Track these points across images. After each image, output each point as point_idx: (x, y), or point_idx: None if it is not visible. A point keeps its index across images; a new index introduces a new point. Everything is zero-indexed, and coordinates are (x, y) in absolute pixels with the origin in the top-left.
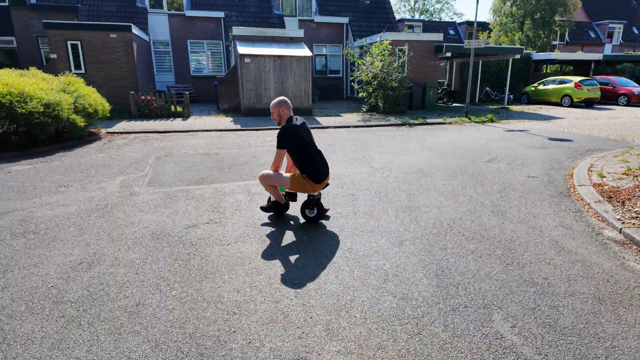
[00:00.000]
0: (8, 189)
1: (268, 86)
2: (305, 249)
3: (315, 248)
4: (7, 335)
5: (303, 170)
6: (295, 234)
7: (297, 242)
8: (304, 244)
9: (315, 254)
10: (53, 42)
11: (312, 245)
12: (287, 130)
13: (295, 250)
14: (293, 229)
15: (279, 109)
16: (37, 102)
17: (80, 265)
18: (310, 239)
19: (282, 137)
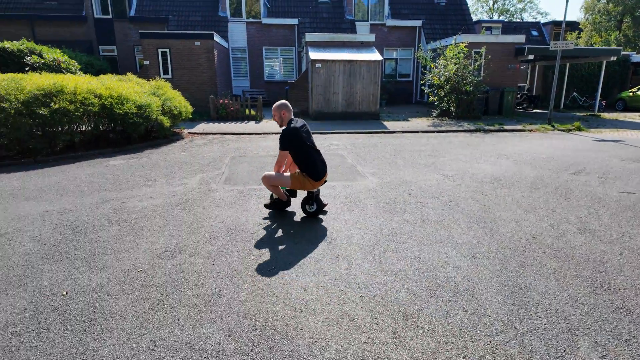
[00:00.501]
0: (106, 181)
1: (337, 90)
2: (371, 255)
3: (381, 255)
4: (104, 311)
5: (303, 169)
6: (361, 239)
7: (363, 247)
8: (369, 249)
9: (381, 260)
10: (146, 50)
11: (378, 251)
12: (288, 132)
13: (360, 255)
14: (360, 233)
15: (280, 112)
16: (132, 104)
17: (165, 253)
18: (376, 245)
19: (285, 139)
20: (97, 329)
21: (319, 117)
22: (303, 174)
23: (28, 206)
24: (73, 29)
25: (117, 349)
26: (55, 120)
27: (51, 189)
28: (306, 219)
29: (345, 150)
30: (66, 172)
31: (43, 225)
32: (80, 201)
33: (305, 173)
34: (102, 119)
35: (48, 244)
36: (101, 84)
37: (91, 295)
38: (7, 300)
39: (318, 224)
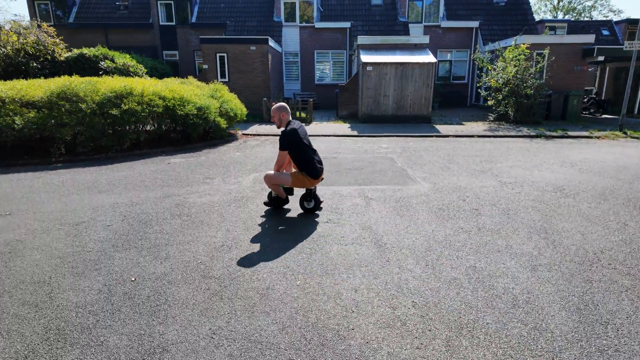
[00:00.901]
0: (168, 177)
1: (387, 93)
2: (423, 261)
3: (434, 261)
4: (168, 298)
5: (302, 168)
6: (412, 244)
7: (414, 253)
8: (421, 255)
9: (434, 267)
10: (206, 55)
11: (431, 258)
12: (288, 134)
13: (412, 261)
14: (412, 238)
15: (280, 114)
16: (193, 106)
17: (222, 247)
18: (429, 252)
19: (284, 140)
20: (162, 314)
21: (368, 120)
22: (302, 173)
23: (101, 198)
24: (141, 35)
25: (179, 334)
26: (124, 120)
27: (120, 183)
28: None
29: (395, 153)
30: (133, 168)
31: (114, 216)
32: (145, 195)
33: (304, 172)
34: (165, 119)
35: (118, 233)
36: (165, 86)
37: (156, 282)
38: (85, 282)
39: (367, 226)
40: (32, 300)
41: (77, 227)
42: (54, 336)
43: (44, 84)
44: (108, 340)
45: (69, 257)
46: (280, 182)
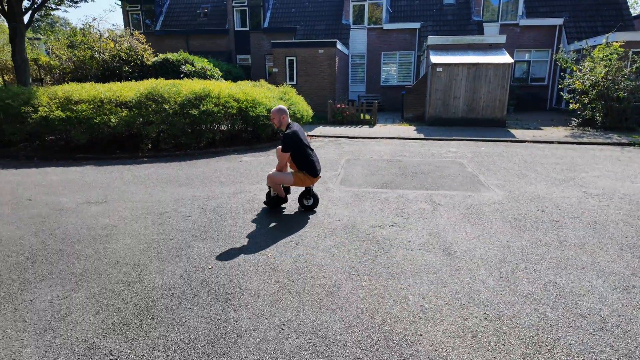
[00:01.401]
0: (240, 174)
1: (457, 95)
2: (496, 272)
3: (509, 274)
4: (241, 287)
5: (302, 167)
6: (485, 254)
7: (487, 263)
8: (495, 266)
9: (509, 279)
10: (276, 58)
11: (505, 270)
12: (290, 136)
13: (484, 271)
14: (484, 248)
15: (280, 116)
16: (263, 107)
17: (290, 243)
18: (503, 263)
19: (287, 142)
20: (236, 302)
21: (436, 123)
22: (303, 172)
23: (181, 191)
24: (217, 40)
25: (252, 322)
26: (202, 120)
27: (197, 177)
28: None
29: (465, 158)
30: (209, 165)
31: (192, 208)
32: (220, 190)
33: (304, 171)
34: (237, 120)
35: (197, 224)
36: (239, 89)
37: (231, 272)
38: (168, 267)
39: (435, 232)
40: (125, 279)
41: (161, 217)
42: (143, 313)
43: (135, 86)
44: (189, 322)
45: (155, 243)
46: (283, 181)
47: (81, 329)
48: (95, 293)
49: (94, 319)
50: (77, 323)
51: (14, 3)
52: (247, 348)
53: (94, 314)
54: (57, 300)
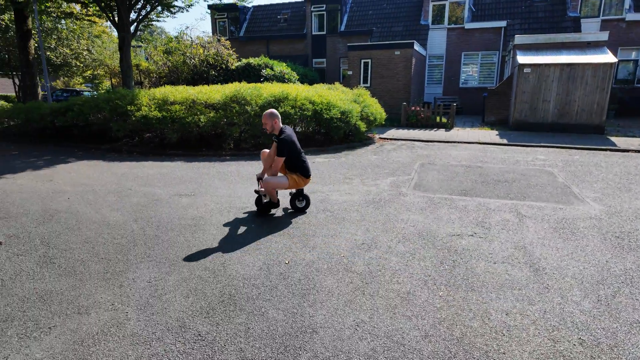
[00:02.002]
0: (313, 175)
1: (547, 98)
2: (594, 295)
3: (609, 297)
4: (316, 284)
5: (296, 170)
6: (579, 273)
7: (582, 284)
8: (591, 288)
9: (609, 304)
10: (351, 61)
11: (604, 293)
12: (287, 141)
13: (579, 292)
14: (578, 267)
15: (272, 121)
16: (337, 110)
17: (362, 245)
18: (602, 285)
19: (284, 147)
20: (312, 298)
21: (521, 127)
22: (296, 174)
23: (253, 188)
24: (295, 45)
25: (327, 319)
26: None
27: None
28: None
29: (555, 167)
30: None
31: None
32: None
33: (298, 172)
34: (312, 122)
35: (274, 220)
36: (315, 92)
37: (306, 268)
38: (249, 259)
39: (521, 246)
40: (211, 267)
41: (243, 211)
42: (227, 299)
43: (221, 89)
44: (268, 312)
45: (237, 236)
46: (280, 186)
47: (174, 309)
48: (186, 277)
49: (185, 301)
50: (171, 303)
51: (123, 15)
52: (323, 344)
53: (184, 296)
54: (154, 281)
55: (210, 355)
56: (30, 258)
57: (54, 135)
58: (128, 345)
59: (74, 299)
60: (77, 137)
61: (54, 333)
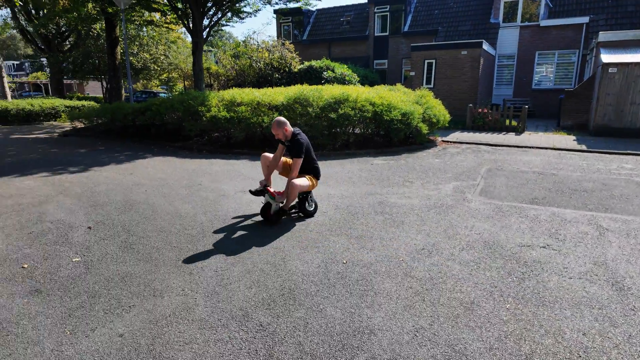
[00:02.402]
0: (372, 176)
1: (636, 101)
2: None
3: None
4: (373, 286)
5: (310, 171)
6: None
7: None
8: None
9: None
10: (414, 62)
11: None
12: (302, 143)
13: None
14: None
15: (283, 129)
16: (398, 111)
17: (422, 250)
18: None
19: (301, 148)
20: (369, 300)
21: (603, 133)
22: (310, 175)
23: (318, 188)
24: (357, 47)
25: (385, 322)
26: (339, 123)
27: (332, 177)
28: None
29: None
30: (343, 166)
31: (328, 205)
32: (352, 190)
33: (311, 174)
34: (371, 123)
35: (332, 219)
36: (375, 93)
37: (363, 269)
38: (308, 256)
39: (601, 262)
40: (272, 261)
41: None
42: (287, 293)
43: (284, 91)
44: (326, 309)
45: (297, 232)
46: (305, 188)
47: (238, 298)
48: (249, 269)
49: (248, 292)
50: (235, 293)
51: (197, 22)
52: (381, 347)
53: (247, 287)
54: (220, 270)
55: (270, 345)
56: (113, 242)
57: (135, 132)
58: (196, 329)
59: (150, 282)
60: (154, 135)
61: (133, 312)
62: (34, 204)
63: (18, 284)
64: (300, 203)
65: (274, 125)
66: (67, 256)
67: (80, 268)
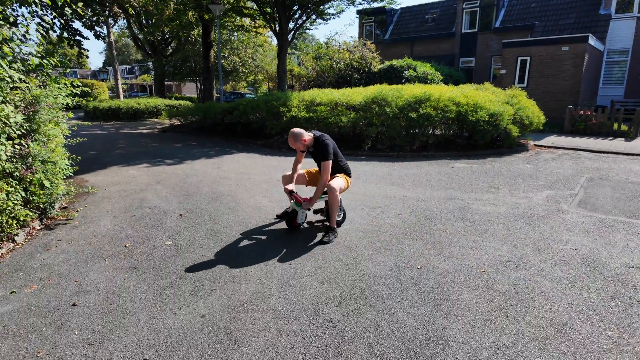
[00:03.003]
0: (452, 180)
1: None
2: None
3: None
4: (450, 295)
5: (340, 170)
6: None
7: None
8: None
9: None
10: (505, 59)
11: None
12: (329, 143)
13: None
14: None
15: (301, 141)
16: (485, 112)
17: (508, 262)
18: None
19: (327, 149)
20: (445, 309)
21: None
22: (342, 174)
23: (392, 190)
24: (441, 44)
25: (461, 334)
26: (419, 123)
27: (408, 179)
28: None
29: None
30: (420, 168)
31: (403, 207)
32: (430, 194)
33: (343, 173)
34: (453, 124)
35: (407, 223)
36: (460, 92)
37: (440, 277)
38: (380, 257)
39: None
40: (344, 259)
41: (375, 210)
42: (358, 293)
43: (362, 91)
44: (397, 314)
45: (369, 233)
46: (344, 189)
47: (309, 292)
48: (321, 265)
49: (319, 287)
50: (307, 287)
51: (283, 25)
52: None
53: (319, 282)
54: (294, 264)
55: (340, 343)
56: (200, 230)
57: (223, 130)
58: (269, 318)
59: (230, 269)
60: (239, 132)
61: (214, 295)
62: (136, 190)
63: (121, 260)
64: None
65: (290, 140)
66: (161, 239)
67: (171, 251)
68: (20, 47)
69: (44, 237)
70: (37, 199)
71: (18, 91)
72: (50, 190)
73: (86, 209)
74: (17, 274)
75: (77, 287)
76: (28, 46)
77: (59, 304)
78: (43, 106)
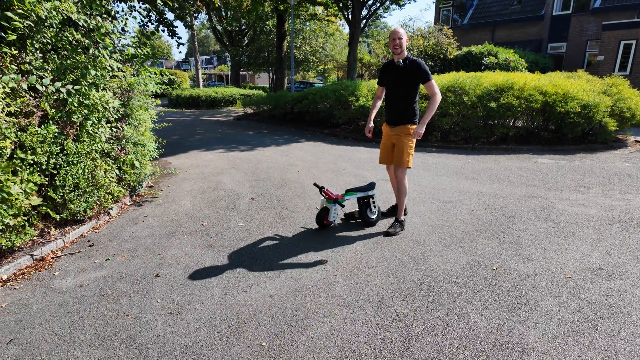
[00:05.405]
0: (534, 177)
1: None
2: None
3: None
4: (529, 300)
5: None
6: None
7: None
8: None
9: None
10: (605, 44)
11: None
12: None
13: None
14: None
15: (404, 39)
16: (576, 103)
17: (599, 270)
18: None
19: (427, 67)
20: (523, 315)
21: None
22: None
23: (466, 184)
24: (527, 29)
25: (541, 343)
26: (499, 114)
27: (484, 173)
28: None
29: None
30: (498, 162)
31: (477, 203)
32: (509, 190)
33: (417, 117)
34: (538, 116)
35: (481, 220)
36: (548, 80)
37: (517, 280)
38: (451, 255)
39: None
40: (411, 253)
41: (446, 205)
42: (426, 289)
43: (438, 80)
44: (469, 314)
45: (439, 228)
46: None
47: (374, 283)
48: (387, 257)
49: (385, 279)
50: (372, 278)
51: (356, 12)
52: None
53: (385, 274)
54: (359, 253)
55: (406, 338)
56: (270, 213)
57: (292, 118)
58: (334, 305)
59: (297, 253)
60: (308, 121)
61: (282, 277)
62: (213, 174)
63: (198, 238)
64: (363, 208)
65: (393, 34)
66: (234, 220)
67: (243, 232)
68: (120, 38)
69: (133, 212)
70: (129, 177)
71: (116, 79)
72: (140, 170)
73: (169, 188)
74: (111, 244)
75: (160, 260)
76: (125, 38)
77: (145, 273)
78: (136, 93)
